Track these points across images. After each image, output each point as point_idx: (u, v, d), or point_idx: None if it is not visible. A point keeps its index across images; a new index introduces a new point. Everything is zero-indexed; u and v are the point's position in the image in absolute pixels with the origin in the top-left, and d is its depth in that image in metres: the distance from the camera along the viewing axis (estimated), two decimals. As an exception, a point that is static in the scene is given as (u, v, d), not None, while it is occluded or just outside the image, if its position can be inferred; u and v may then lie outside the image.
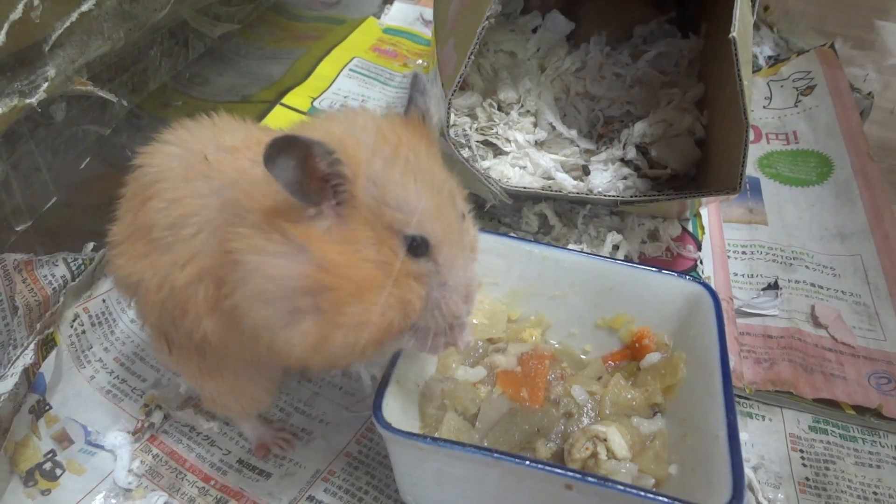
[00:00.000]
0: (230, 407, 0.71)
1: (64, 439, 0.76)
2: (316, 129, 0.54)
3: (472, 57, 0.83)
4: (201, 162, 0.58)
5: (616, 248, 0.95)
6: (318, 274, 0.51)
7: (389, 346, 0.58)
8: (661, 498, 0.54)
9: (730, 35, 0.76)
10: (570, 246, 0.95)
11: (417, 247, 0.53)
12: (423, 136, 0.57)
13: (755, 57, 1.33)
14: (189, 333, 0.60)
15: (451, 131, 0.88)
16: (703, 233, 1.00)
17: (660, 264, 0.94)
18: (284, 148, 0.49)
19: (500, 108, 1.08)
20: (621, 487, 0.55)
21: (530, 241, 0.78)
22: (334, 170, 0.51)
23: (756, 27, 1.39)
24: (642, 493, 0.55)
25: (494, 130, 1.04)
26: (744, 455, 0.75)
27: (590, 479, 0.55)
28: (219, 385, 0.67)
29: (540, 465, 0.56)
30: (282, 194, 0.52)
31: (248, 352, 0.59)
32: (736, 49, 0.76)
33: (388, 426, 0.58)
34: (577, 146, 1.04)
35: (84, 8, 0.87)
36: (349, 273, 0.51)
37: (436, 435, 0.64)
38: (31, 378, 0.77)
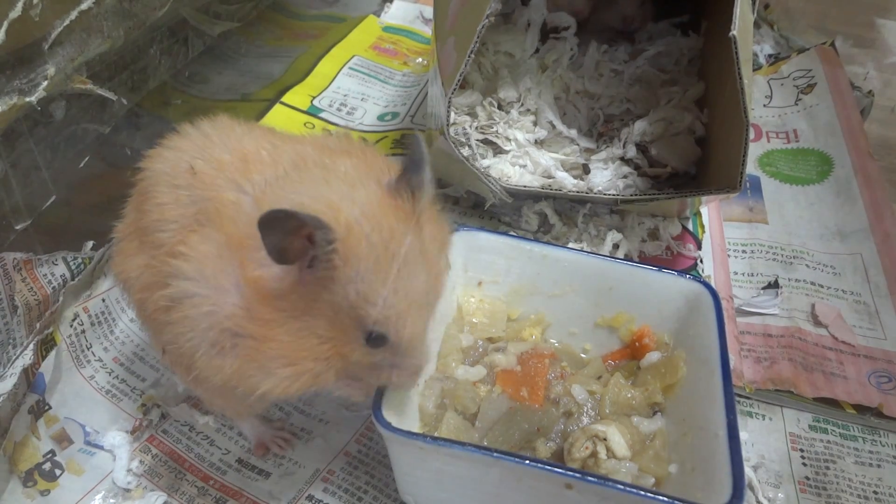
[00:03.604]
0: (225, 410, 0.71)
1: (63, 439, 0.76)
2: (314, 182, 0.53)
3: (472, 55, 0.83)
4: (188, 171, 0.58)
5: (616, 246, 0.95)
6: (246, 322, 0.52)
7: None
8: (660, 497, 0.54)
9: (730, 33, 0.76)
10: (570, 245, 0.94)
11: (376, 339, 0.54)
12: (411, 217, 0.54)
13: (755, 55, 1.33)
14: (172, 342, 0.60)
15: (451, 130, 0.88)
16: (704, 231, 1.00)
17: (660, 263, 0.94)
18: (283, 221, 0.48)
19: (500, 107, 1.07)
20: (621, 487, 0.55)
21: (530, 239, 0.78)
22: (326, 251, 0.50)
23: (756, 25, 1.39)
24: (642, 493, 0.55)
25: (494, 129, 1.04)
26: (744, 454, 0.75)
27: (589, 478, 0.55)
28: (210, 392, 0.66)
29: (540, 465, 0.56)
30: (246, 230, 0.52)
31: None
32: (736, 47, 0.76)
33: (387, 425, 0.58)
34: (577, 145, 1.04)
35: (84, 6, 0.87)
36: (282, 336, 0.52)
37: (435, 434, 0.64)
38: (30, 378, 0.77)
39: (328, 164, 0.56)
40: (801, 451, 0.78)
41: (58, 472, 0.73)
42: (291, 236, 0.49)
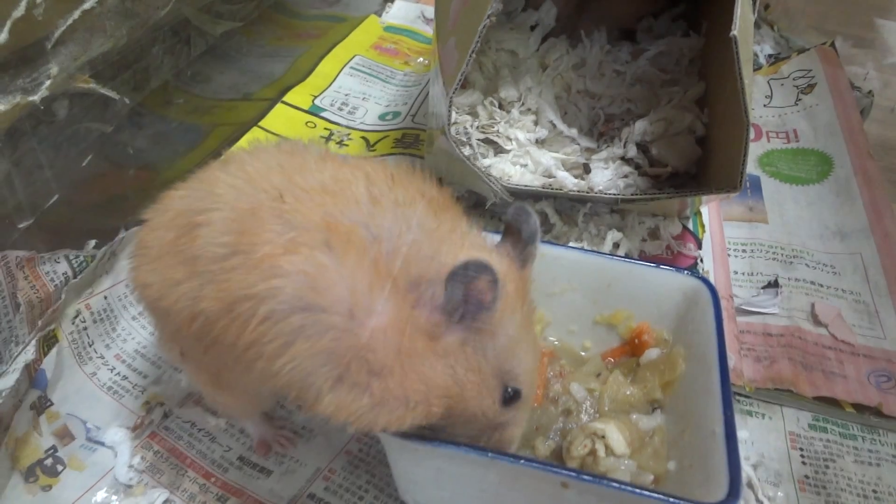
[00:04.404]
0: (232, 411, 0.71)
1: (65, 435, 0.76)
2: (454, 238, 0.55)
3: (474, 55, 0.83)
4: (275, 200, 0.53)
5: (616, 246, 0.95)
6: (390, 356, 0.50)
7: None
8: (656, 495, 0.54)
9: (731, 33, 0.76)
10: (570, 244, 0.95)
11: (513, 397, 0.56)
12: (524, 280, 0.59)
13: (756, 55, 1.33)
14: (216, 360, 0.58)
15: (452, 129, 0.88)
16: (704, 231, 1.00)
17: (660, 262, 0.94)
18: (479, 273, 0.50)
19: (501, 107, 1.08)
20: (616, 485, 0.55)
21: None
22: (489, 305, 0.52)
23: (756, 25, 1.39)
24: (637, 491, 0.55)
25: (495, 128, 1.04)
26: (744, 453, 0.75)
27: (585, 477, 0.55)
28: (225, 398, 0.66)
29: (535, 464, 0.56)
30: (392, 268, 0.51)
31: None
32: (737, 47, 0.76)
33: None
34: (578, 144, 1.04)
35: (87, 6, 0.87)
36: (428, 374, 0.52)
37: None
38: (32, 374, 0.78)
39: (450, 224, 0.57)
40: (801, 449, 0.78)
41: (59, 467, 0.74)
42: (463, 288, 0.50)
